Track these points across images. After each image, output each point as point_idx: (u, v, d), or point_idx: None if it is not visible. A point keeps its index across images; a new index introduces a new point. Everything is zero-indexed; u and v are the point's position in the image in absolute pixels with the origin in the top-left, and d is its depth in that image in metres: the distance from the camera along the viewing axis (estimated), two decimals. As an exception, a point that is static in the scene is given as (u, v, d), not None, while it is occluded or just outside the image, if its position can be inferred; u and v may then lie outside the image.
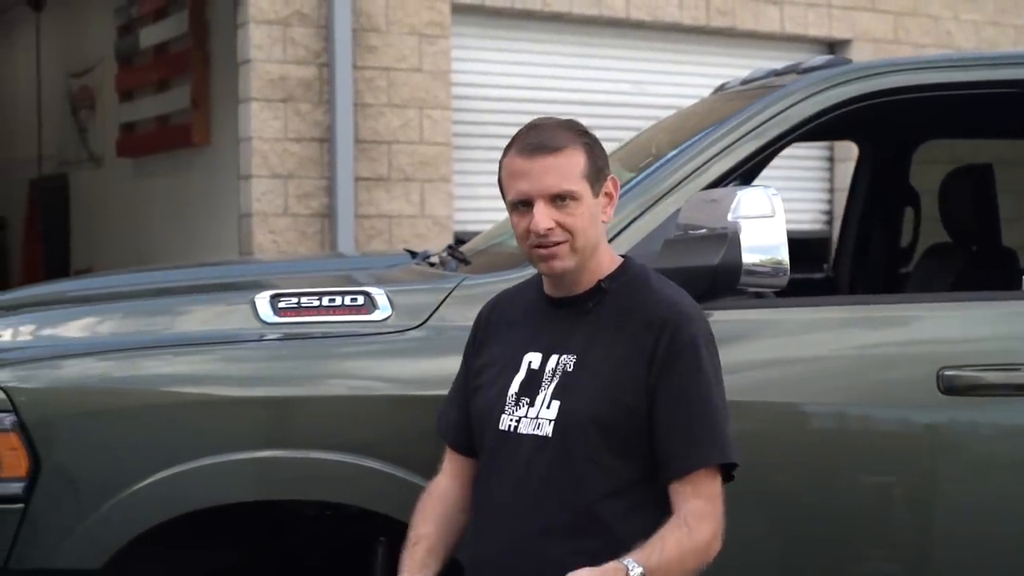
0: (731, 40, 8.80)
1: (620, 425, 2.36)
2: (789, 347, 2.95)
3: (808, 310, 3.05)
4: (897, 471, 2.95)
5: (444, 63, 7.74)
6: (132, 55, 9.49)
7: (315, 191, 7.41)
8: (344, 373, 2.85)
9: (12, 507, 2.71)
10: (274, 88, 7.31)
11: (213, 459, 2.75)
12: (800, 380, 2.95)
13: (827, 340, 2.98)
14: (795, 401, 2.92)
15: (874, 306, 3.12)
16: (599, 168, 2.49)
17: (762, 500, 2.87)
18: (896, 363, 2.96)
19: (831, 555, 2.95)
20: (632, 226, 2.96)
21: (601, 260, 2.49)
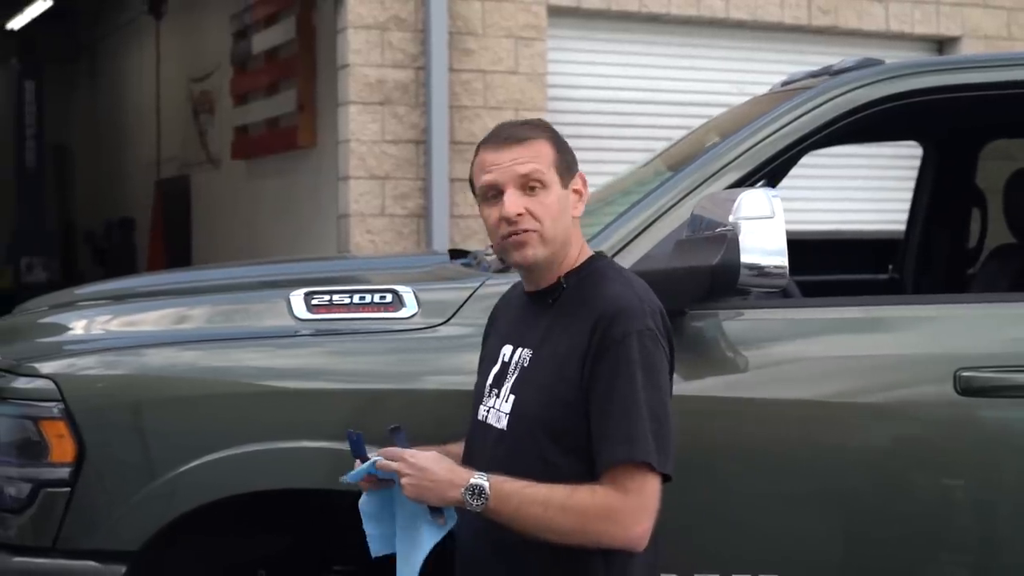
0: (833, 39, 8.69)
1: (562, 421, 2.40)
2: (805, 348, 2.98)
3: (830, 310, 3.07)
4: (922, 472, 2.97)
5: (540, 65, 7.81)
6: (246, 60, 9.76)
7: (411, 192, 7.53)
8: (368, 368, 2.95)
9: (60, 490, 2.88)
10: (372, 91, 7.45)
11: (246, 448, 2.88)
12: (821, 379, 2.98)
13: (847, 341, 3.00)
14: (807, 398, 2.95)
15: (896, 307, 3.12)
16: (567, 162, 2.55)
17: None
18: (913, 364, 2.97)
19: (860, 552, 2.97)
20: (653, 226, 3.01)
21: (570, 256, 2.54)
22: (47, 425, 2.89)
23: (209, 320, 3.12)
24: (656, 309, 2.44)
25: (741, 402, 2.97)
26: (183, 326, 3.12)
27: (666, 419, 2.37)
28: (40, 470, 2.90)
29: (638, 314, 2.39)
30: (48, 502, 2.89)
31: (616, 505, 2.32)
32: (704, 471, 2.91)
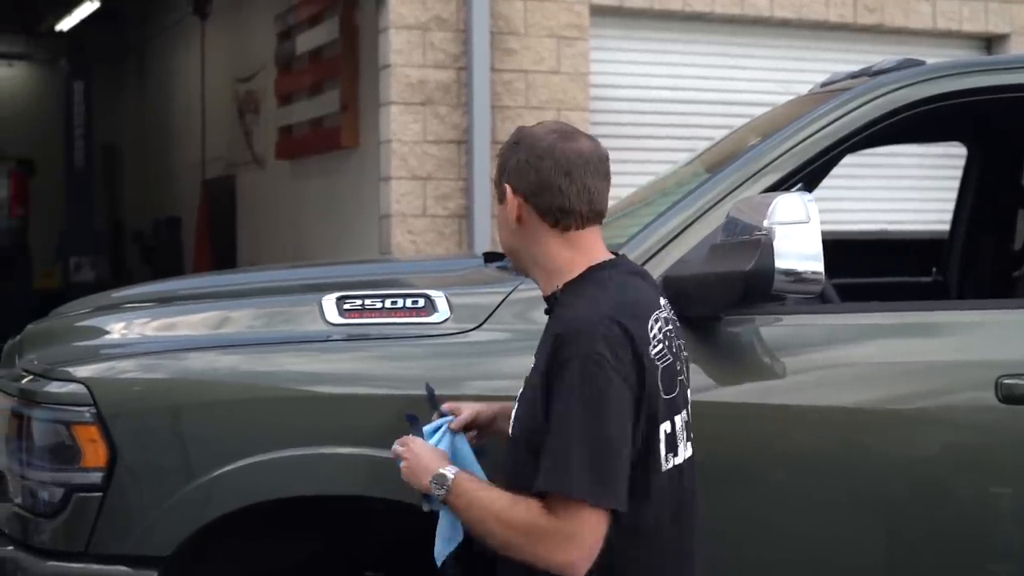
0: (879, 38, 8.59)
1: (536, 437, 2.36)
2: (843, 353, 2.93)
3: (869, 315, 3.02)
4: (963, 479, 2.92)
5: (582, 65, 7.76)
6: (290, 60, 9.76)
7: (453, 192, 7.51)
8: (399, 373, 2.93)
9: (92, 495, 2.88)
10: (413, 91, 7.43)
11: (278, 454, 2.86)
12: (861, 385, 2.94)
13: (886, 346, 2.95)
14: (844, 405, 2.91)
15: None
16: (499, 173, 2.55)
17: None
18: (953, 370, 2.92)
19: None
20: (688, 230, 2.98)
21: (557, 268, 2.49)
22: (79, 430, 2.90)
23: (243, 324, 3.11)
24: (617, 334, 2.30)
25: (778, 408, 2.94)
26: (216, 331, 3.11)
27: (609, 450, 2.26)
28: (72, 475, 2.90)
29: (587, 338, 2.28)
30: (80, 507, 2.89)
31: (543, 526, 2.28)
32: (741, 477, 2.89)
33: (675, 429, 2.41)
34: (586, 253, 2.47)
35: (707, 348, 2.95)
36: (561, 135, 2.48)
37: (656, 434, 2.36)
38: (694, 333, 2.93)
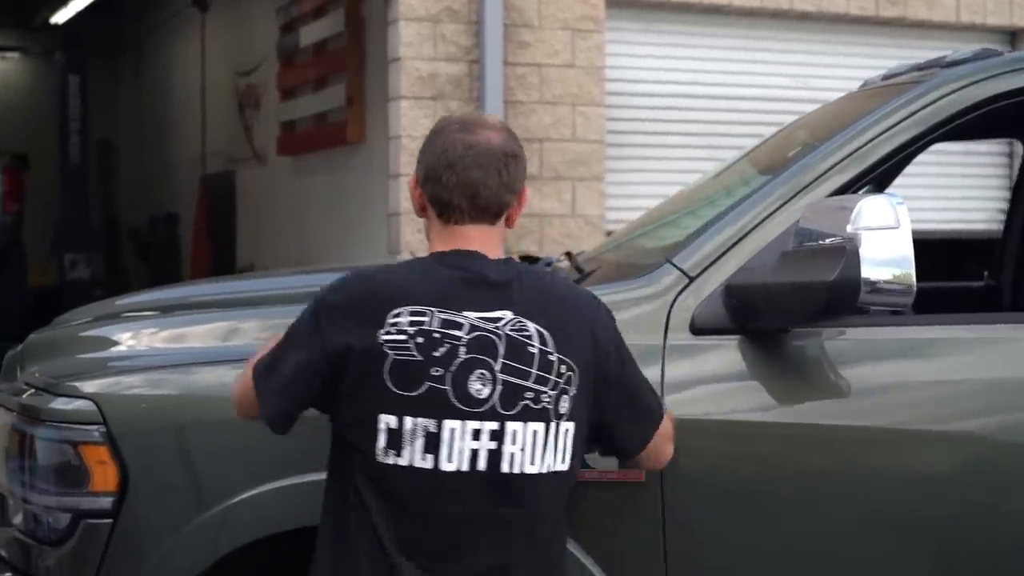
0: (901, 31, 8.40)
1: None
2: (921, 369, 2.71)
3: (938, 328, 2.80)
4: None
5: (598, 58, 7.56)
6: (293, 53, 9.55)
7: (464, 190, 7.26)
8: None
9: (101, 522, 2.67)
10: (424, 85, 7.22)
11: (304, 478, 2.64)
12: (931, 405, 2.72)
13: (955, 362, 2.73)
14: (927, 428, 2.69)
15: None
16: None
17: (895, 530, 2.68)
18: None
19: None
20: (751, 235, 2.76)
21: None
22: (88, 450, 2.68)
23: (259, 335, 2.87)
24: (331, 301, 2.38)
25: (842, 429, 2.73)
26: (232, 342, 2.88)
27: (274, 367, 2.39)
28: (80, 499, 2.69)
29: (320, 292, 2.43)
30: (89, 534, 2.67)
31: None
32: (803, 499, 2.72)
33: (402, 428, 2.28)
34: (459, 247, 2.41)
35: (771, 364, 2.74)
36: (462, 125, 2.41)
37: (372, 419, 2.29)
38: (754, 347, 2.72)
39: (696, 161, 7.80)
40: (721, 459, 2.71)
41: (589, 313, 2.41)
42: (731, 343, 2.72)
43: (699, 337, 2.72)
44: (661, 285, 2.76)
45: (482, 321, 2.30)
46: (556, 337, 2.32)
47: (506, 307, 2.32)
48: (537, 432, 2.30)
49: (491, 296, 2.33)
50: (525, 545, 2.32)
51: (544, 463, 2.31)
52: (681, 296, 2.74)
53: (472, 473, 2.28)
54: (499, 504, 2.30)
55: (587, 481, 2.63)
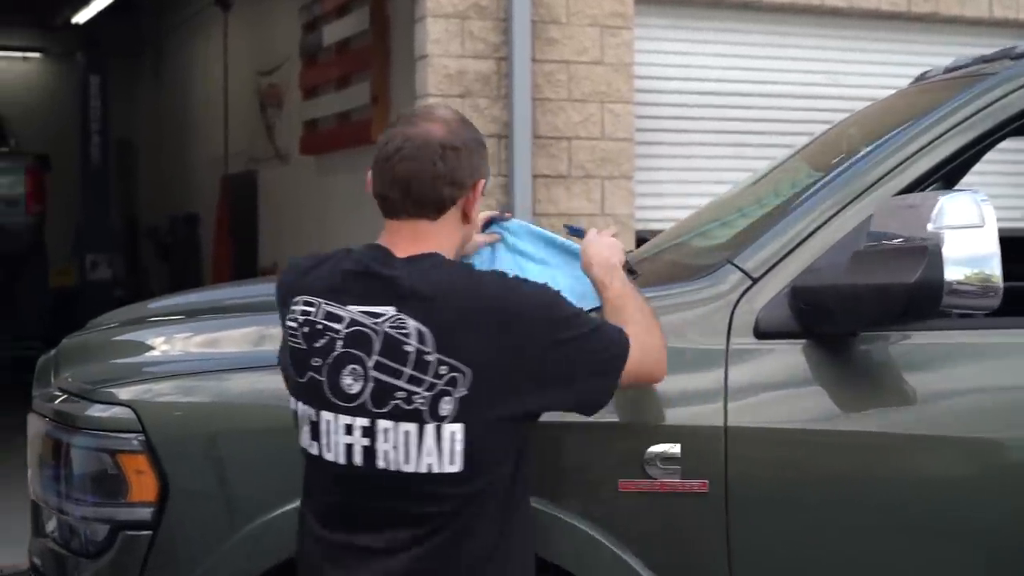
0: (934, 27, 8.25)
1: None
2: (993, 375, 2.59)
3: (1009, 333, 2.69)
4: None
5: (627, 55, 7.42)
6: (316, 52, 9.46)
7: (492, 189, 7.11)
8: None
9: (140, 534, 2.58)
10: (451, 83, 7.10)
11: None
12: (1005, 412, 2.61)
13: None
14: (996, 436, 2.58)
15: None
16: None
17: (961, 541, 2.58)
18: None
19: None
20: (817, 235, 2.65)
21: None
22: (126, 459, 2.59)
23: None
24: (281, 282, 2.46)
25: (914, 439, 2.63)
26: (272, 346, 2.76)
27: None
28: (118, 510, 2.60)
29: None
30: (127, 546, 2.59)
31: None
32: (872, 509, 2.60)
33: (298, 412, 2.37)
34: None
35: (838, 369, 2.63)
36: (408, 119, 2.40)
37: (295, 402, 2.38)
38: (820, 351, 2.61)
39: (727, 159, 7.70)
40: (787, 468, 2.60)
41: (495, 304, 2.26)
42: (796, 347, 2.62)
43: (763, 341, 2.62)
44: (723, 286, 2.66)
45: (363, 316, 2.27)
46: (439, 337, 2.23)
47: (391, 303, 2.26)
48: (409, 432, 2.25)
49: (377, 291, 2.29)
50: (413, 543, 2.26)
51: (422, 463, 2.25)
52: (744, 298, 2.63)
53: (350, 466, 2.28)
54: (380, 498, 2.28)
55: (645, 492, 2.53)
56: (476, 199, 2.40)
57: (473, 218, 2.42)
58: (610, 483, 2.55)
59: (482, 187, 2.40)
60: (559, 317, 2.29)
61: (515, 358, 2.24)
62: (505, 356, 2.23)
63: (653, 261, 3.21)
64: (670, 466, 2.54)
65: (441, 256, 2.34)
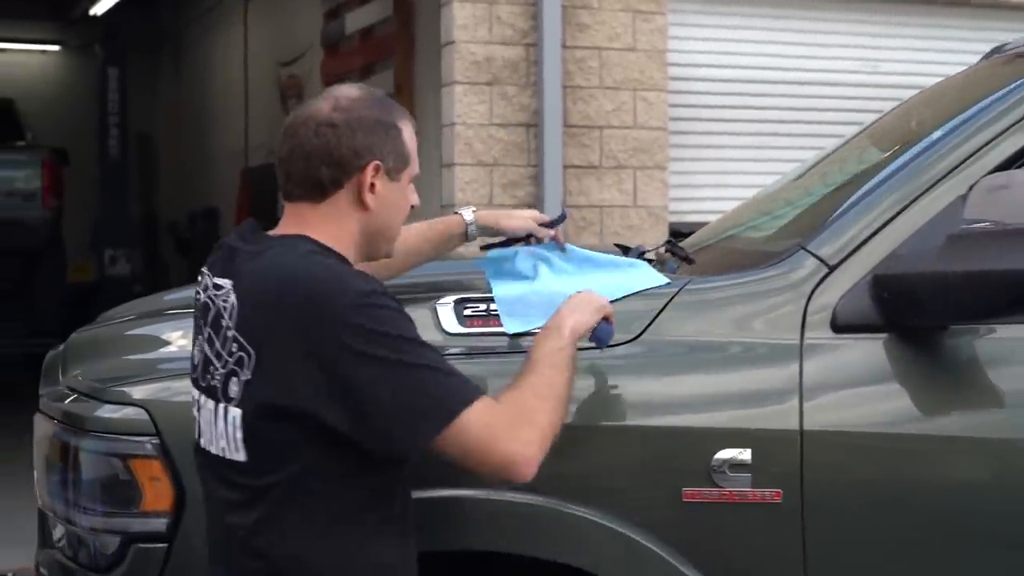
0: (975, 12, 8.03)
1: None
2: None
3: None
4: None
5: (660, 41, 7.24)
6: (338, 41, 9.29)
7: (521, 180, 7.01)
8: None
9: (155, 546, 2.37)
10: (478, 70, 6.94)
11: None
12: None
13: None
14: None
15: None
16: None
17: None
18: None
19: None
20: (900, 218, 2.42)
21: None
22: (139, 464, 2.38)
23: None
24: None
25: (1001, 443, 2.41)
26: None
27: None
28: (130, 520, 2.39)
29: None
30: (140, 560, 2.38)
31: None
32: (960, 518, 2.39)
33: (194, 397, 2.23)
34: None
35: (925, 366, 2.40)
36: (312, 99, 2.28)
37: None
38: (905, 346, 2.37)
39: (764, 149, 7.54)
40: (869, 476, 2.37)
41: (305, 293, 2.04)
42: (877, 342, 2.39)
43: (841, 335, 2.39)
44: (796, 275, 2.43)
45: (213, 287, 2.21)
46: (240, 315, 2.11)
47: (230, 277, 2.17)
48: (213, 411, 2.15)
49: (226, 265, 2.21)
50: (234, 530, 2.12)
51: (219, 445, 2.14)
52: (819, 288, 2.40)
53: (196, 443, 2.22)
54: (207, 479, 2.20)
55: (712, 501, 2.31)
56: (364, 181, 2.17)
57: (373, 206, 2.18)
58: (672, 492, 2.32)
59: (378, 170, 2.17)
60: (371, 329, 2.01)
61: (296, 351, 2.02)
62: (286, 345, 2.03)
63: (710, 250, 2.97)
64: (739, 473, 2.31)
65: (303, 240, 2.15)
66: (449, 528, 2.32)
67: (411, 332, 2.07)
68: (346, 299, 2.03)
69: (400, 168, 2.24)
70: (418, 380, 2.03)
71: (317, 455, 2.06)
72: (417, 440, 2.04)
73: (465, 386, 2.07)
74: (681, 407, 2.35)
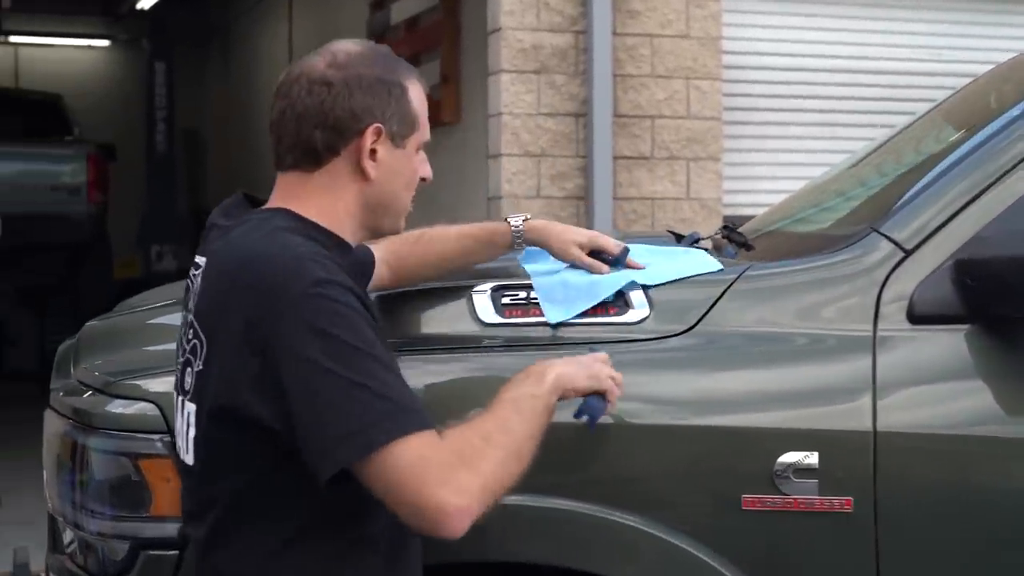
0: (1045, -2, 7.77)
1: None
2: None
3: None
4: None
5: (714, 28, 7.05)
6: (384, 32, 9.12)
7: (570, 171, 6.84)
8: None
9: (166, 553, 2.20)
10: (526, 58, 6.78)
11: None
12: None
13: None
14: None
15: None
16: None
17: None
18: None
19: None
20: (981, 199, 2.22)
21: None
22: (150, 465, 2.21)
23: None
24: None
25: None
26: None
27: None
28: (141, 525, 2.22)
29: None
30: (151, 568, 2.21)
31: None
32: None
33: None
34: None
35: (1011, 360, 2.20)
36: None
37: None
38: (990, 339, 2.17)
39: (821, 140, 7.35)
40: (950, 482, 2.17)
41: (257, 276, 1.81)
42: (959, 334, 2.19)
43: (918, 326, 2.19)
44: (868, 260, 2.24)
45: (194, 267, 2.01)
46: (201, 296, 1.91)
47: (205, 256, 1.99)
48: (175, 406, 1.99)
49: (206, 243, 2.01)
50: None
51: (178, 445, 1.98)
52: (894, 274, 2.21)
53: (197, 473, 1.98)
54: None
55: (775, 510, 2.11)
56: (363, 145, 1.94)
57: (374, 175, 1.96)
58: (730, 499, 2.13)
59: (379, 134, 1.94)
60: (311, 325, 1.76)
61: (240, 339, 1.79)
62: (233, 333, 1.81)
63: (770, 236, 2.77)
64: (805, 479, 2.11)
65: (280, 215, 1.93)
66: (478, 537, 2.13)
67: (360, 338, 1.77)
68: (298, 286, 1.78)
69: (406, 133, 2.00)
70: (346, 397, 1.73)
71: (268, 462, 1.83)
72: (336, 461, 1.73)
73: (403, 415, 1.74)
74: (740, 405, 2.15)
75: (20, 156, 11.30)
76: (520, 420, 1.83)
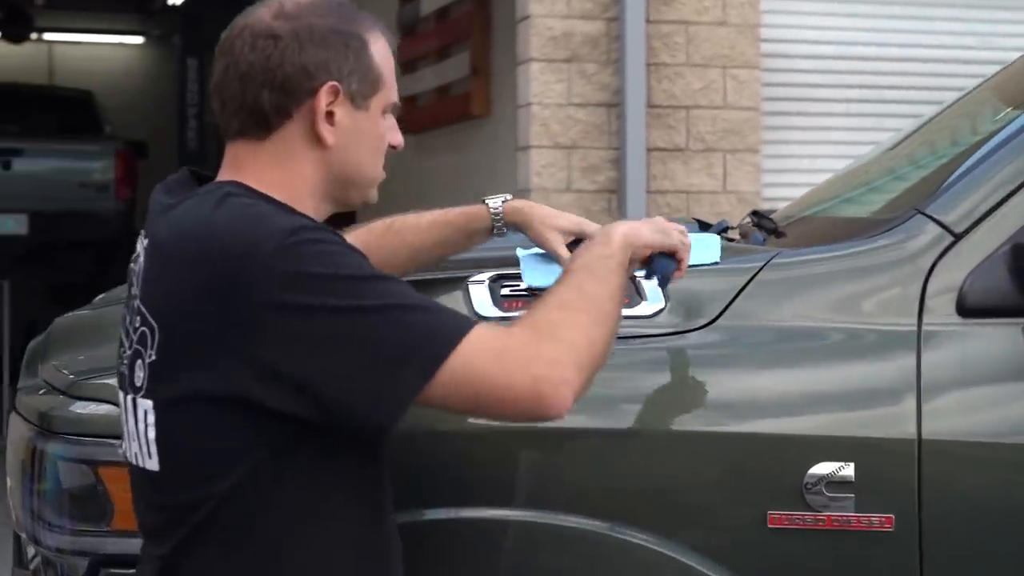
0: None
1: None
2: None
3: None
4: None
5: (752, 15, 6.93)
6: (414, 24, 9.12)
7: (602, 163, 6.73)
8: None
9: (126, 572, 1.96)
10: (556, 47, 6.68)
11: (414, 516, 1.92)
12: None
13: None
14: None
15: None
16: None
17: None
18: None
19: None
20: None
21: None
22: (112, 474, 2.02)
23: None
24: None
25: None
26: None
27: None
28: (101, 540, 2.06)
29: None
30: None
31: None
32: None
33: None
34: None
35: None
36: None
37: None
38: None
39: (864, 131, 7.20)
40: (1003, 496, 1.97)
41: (218, 247, 1.62)
42: (1015, 329, 1.99)
43: (970, 320, 1.99)
44: (912, 246, 2.04)
45: (139, 246, 1.80)
46: (146, 279, 1.73)
47: (147, 237, 1.78)
48: (124, 406, 1.77)
49: (149, 222, 1.79)
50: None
51: (131, 451, 1.75)
52: (942, 261, 2.01)
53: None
54: (135, 499, 1.81)
55: (805, 528, 1.91)
56: (323, 110, 1.74)
57: (332, 141, 1.75)
58: (754, 515, 1.92)
59: (336, 93, 1.73)
60: (307, 273, 1.59)
61: (210, 321, 1.60)
62: (197, 315, 1.62)
63: (809, 221, 2.58)
64: (840, 493, 1.91)
65: (229, 185, 1.71)
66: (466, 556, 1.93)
67: (363, 268, 1.63)
68: (269, 244, 1.59)
69: (368, 92, 1.77)
70: (387, 324, 1.59)
71: (251, 465, 1.63)
72: (401, 397, 1.58)
73: (452, 318, 1.64)
74: (767, 409, 1.96)
75: (49, 153, 11.40)
76: (596, 282, 1.74)
